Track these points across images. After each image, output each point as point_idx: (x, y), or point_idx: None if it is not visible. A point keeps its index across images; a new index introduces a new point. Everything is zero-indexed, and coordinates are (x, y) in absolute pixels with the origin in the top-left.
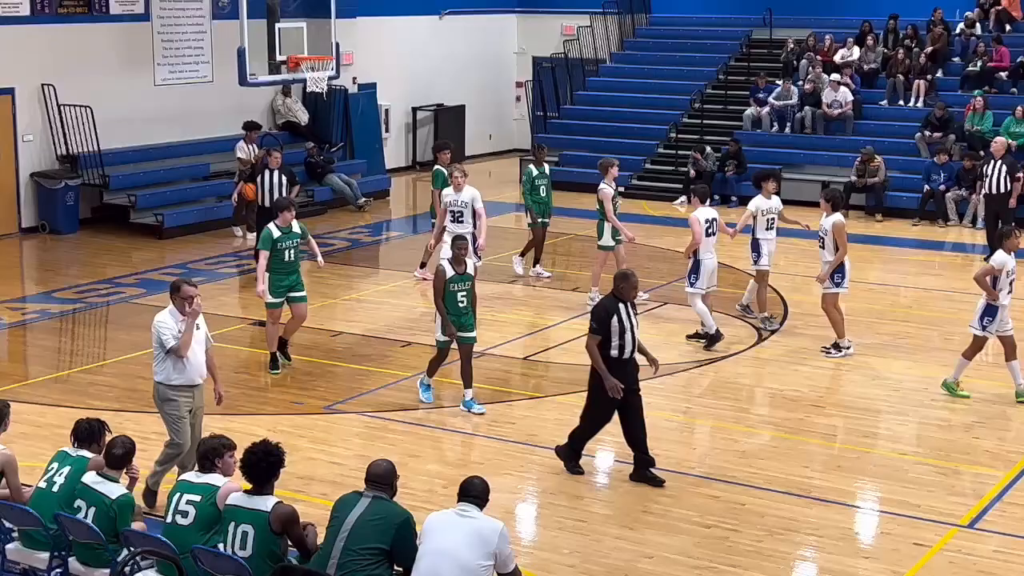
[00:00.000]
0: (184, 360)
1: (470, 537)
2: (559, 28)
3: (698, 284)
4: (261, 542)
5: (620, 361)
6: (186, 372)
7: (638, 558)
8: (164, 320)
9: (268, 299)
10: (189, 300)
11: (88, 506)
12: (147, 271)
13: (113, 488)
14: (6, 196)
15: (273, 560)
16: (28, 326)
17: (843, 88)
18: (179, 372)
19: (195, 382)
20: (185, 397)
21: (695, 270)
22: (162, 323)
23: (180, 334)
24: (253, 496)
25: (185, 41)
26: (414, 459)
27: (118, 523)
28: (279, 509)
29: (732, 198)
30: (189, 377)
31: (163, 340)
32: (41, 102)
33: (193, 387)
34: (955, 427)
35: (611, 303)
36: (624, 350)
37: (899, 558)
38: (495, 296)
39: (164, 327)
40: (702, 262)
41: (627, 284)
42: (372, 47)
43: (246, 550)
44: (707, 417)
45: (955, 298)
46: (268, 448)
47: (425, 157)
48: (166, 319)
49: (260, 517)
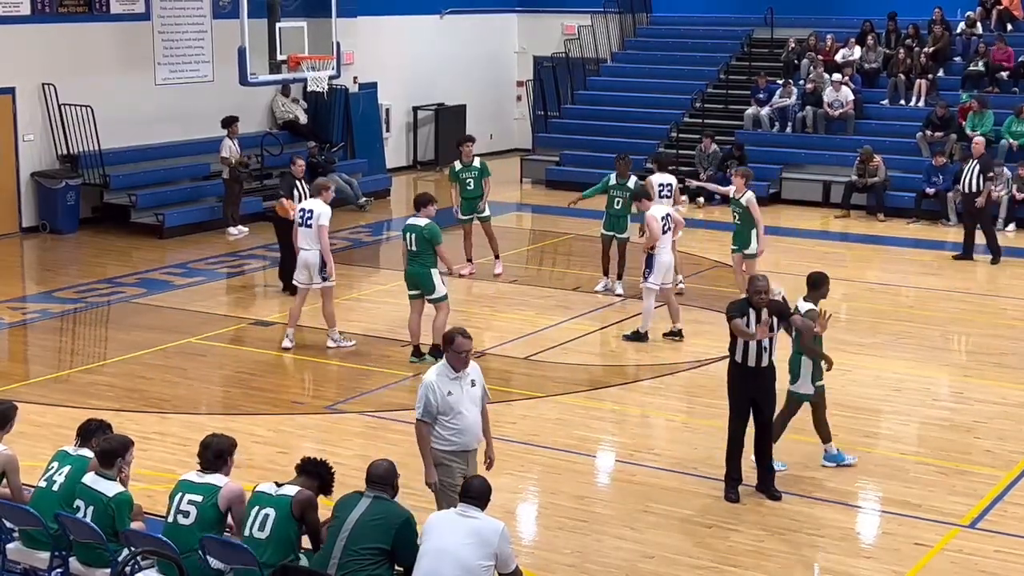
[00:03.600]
0: (458, 420)
1: (471, 537)
2: (560, 27)
3: (652, 279)
4: (280, 526)
5: (747, 370)
6: (463, 436)
7: (638, 558)
8: (430, 381)
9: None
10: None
11: (87, 505)
12: (147, 271)
13: (110, 486)
14: (6, 196)
15: (288, 546)
16: (28, 326)
17: (844, 88)
18: (454, 435)
19: (471, 447)
20: (459, 465)
21: (649, 265)
22: (429, 384)
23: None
24: (283, 486)
25: (185, 41)
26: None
27: (116, 522)
28: (300, 494)
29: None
30: (465, 442)
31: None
32: (41, 102)
33: (467, 452)
34: (956, 427)
35: (744, 305)
36: (748, 358)
37: (900, 558)
38: (495, 296)
39: (423, 386)
40: (656, 258)
41: (751, 287)
42: (373, 46)
43: (264, 532)
44: (707, 417)
45: (955, 298)
46: (313, 459)
47: (426, 156)
48: (432, 379)
49: (283, 502)
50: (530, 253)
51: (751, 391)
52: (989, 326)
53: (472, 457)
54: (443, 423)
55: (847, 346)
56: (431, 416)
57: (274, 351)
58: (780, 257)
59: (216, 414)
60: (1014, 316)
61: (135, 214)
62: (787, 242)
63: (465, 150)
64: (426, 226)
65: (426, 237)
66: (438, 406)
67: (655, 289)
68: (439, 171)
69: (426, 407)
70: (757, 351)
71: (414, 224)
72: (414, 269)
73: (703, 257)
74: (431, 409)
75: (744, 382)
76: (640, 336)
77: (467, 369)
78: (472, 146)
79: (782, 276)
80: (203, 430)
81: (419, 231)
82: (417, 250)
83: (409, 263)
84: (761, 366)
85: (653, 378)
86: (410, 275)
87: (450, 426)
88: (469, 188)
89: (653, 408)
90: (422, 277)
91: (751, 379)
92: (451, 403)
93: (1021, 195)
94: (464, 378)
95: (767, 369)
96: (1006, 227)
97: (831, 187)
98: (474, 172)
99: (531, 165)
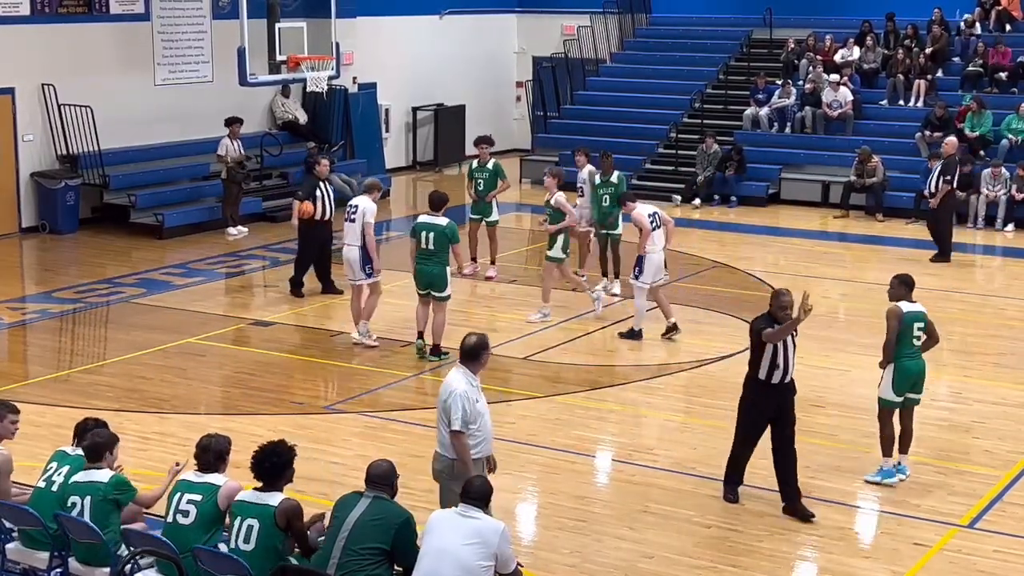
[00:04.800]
0: (482, 430)
1: (471, 537)
2: (559, 28)
3: (643, 278)
4: (265, 536)
5: (771, 388)
6: (483, 444)
7: (638, 558)
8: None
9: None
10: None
11: (82, 499)
12: (147, 271)
13: (102, 474)
14: (6, 196)
15: (275, 556)
16: (28, 326)
17: (843, 88)
18: (479, 443)
19: (489, 453)
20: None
21: (639, 264)
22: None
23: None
24: (262, 493)
25: (185, 41)
26: (414, 459)
27: (122, 500)
28: (284, 503)
29: (732, 198)
30: (487, 449)
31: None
32: (41, 102)
33: (486, 459)
34: (955, 427)
35: (768, 321)
36: (774, 375)
37: (899, 558)
38: (495, 296)
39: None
40: (647, 256)
41: (776, 303)
42: (372, 47)
43: (249, 544)
44: (707, 417)
45: (955, 298)
46: (276, 448)
47: (425, 157)
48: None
49: (267, 512)
50: (530, 253)
51: (772, 409)
52: (988, 326)
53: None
54: (471, 432)
55: (847, 346)
56: (466, 426)
57: (274, 351)
58: (779, 257)
59: (216, 414)
60: (1013, 316)
61: (135, 214)
62: (786, 242)
63: (480, 151)
64: (447, 225)
65: (447, 236)
66: (471, 414)
67: (645, 288)
68: (438, 171)
69: (464, 418)
70: (784, 366)
71: (434, 223)
72: (430, 268)
73: (702, 257)
74: (467, 419)
75: (767, 400)
76: (635, 334)
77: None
78: (486, 148)
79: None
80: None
81: (440, 230)
82: (434, 248)
83: (423, 262)
84: (785, 382)
85: (652, 378)
86: (425, 274)
87: (477, 434)
88: (480, 189)
89: (652, 408)
90: (438, 277)
91: (775, 396)
92: (478, 410)
93: (1021, 195)
94: (479, 384)
95: (791, 384)
96: (1005, 227)
97: (830, 187)
98: (486, 174)
99: (531, 165)
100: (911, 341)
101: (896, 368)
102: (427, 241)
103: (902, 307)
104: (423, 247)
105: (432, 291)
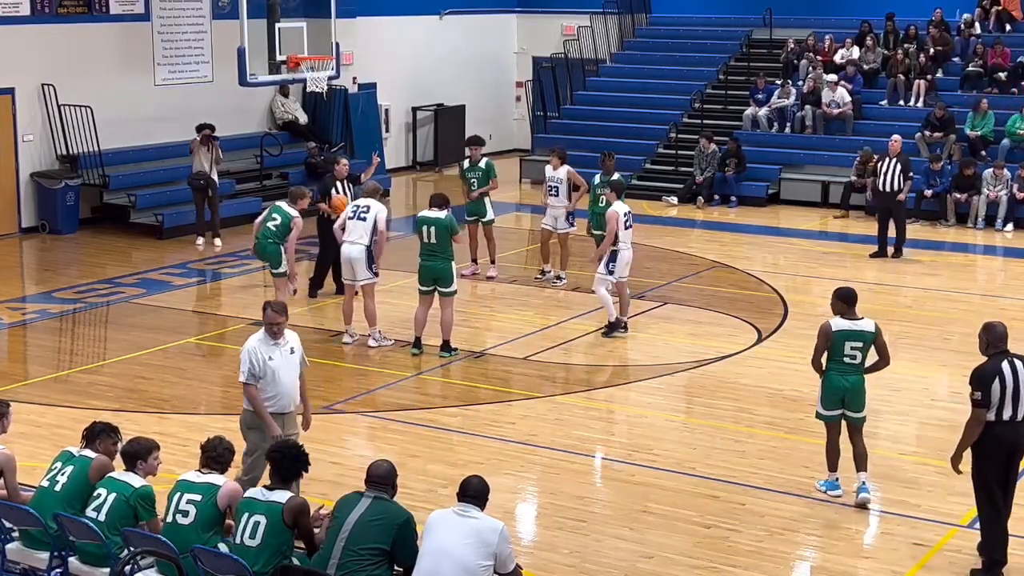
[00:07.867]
0: (274, 386)
1: (470, 537)
2: (559, 28)
3: (615, 273)
4: (271, 533)
5: (1004, 425)
6: (277, 400)
7: (638, 558)
8: (252, 347)
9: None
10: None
11: (108, 493)
12: (147, 271)
13: (136, 479)
14: (6, 196)
15: (279, 553)
16: (28, 326)
17: (842, 88)
18: (269, 399)
19: (286, 410)
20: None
21: (612, 259)
22: (251, 350)
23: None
24: (272, 490)
25: (185, 41)
26: (414, 459)
27: (140, 514)
28: (292, 501)
29: (732, 198)
30: (281, 405)
31: (244, 370)
32: (41, 102)
33: (283, 415)
34: (955, 427)
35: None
36: (1004, 409)
37: (899, 558)
38: (495, 296)
39: (249, 355)
40: (619, 253)
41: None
42: (372, 47)
43: (255, 540)
44: (707, 417)
45: (954, 298)
46: (298, 454)
47: (425, 157)
48: (253, 344)
49: (274, 509)
50: (529, 253)
51: (1008, 450)
52: None
53: (289, 420)
54: (262, 387)
55: None
56: (254, 378)
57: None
58: (779, 257)
59: (216, 414)
60: (1013, 316)
61: (134, 214)
62: (786, 242)
63: (471, 152)
64: (447, 217)
65: (448, 228)
66: (260, 369)
67: (609, 279)
68: (438, 171)
69: (250, 370)
70: (1015, 399)
71: (434, 217)
72: (435, 263)
73: (702, 257)
74: (255, 372)
75: (1003, 440)
76: (615, 326)
77: (285, 337)
78: (478, 149)
79: (782, 276)
80: (202, 430)
81: (440, 223)
82: (437, 242)
83: (428, 258)
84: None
85: (652, 378)
86: (431, 269)
87: (267, 389)
88: (473, 189)
89: (652, 408)
90: (444, 271)
91: (1010, 434)
92: (271, 367)
93: (1021, 195)
94: (283, 345)
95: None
96: (1005, 227)
97: (830, 187)
98: (478, 173)
99: (530, 165)
100: (842, 358)
101: (823, 382)
102: (429, 235)
103: (833, 324)
104: (426, 242)
105: (439, 286)
